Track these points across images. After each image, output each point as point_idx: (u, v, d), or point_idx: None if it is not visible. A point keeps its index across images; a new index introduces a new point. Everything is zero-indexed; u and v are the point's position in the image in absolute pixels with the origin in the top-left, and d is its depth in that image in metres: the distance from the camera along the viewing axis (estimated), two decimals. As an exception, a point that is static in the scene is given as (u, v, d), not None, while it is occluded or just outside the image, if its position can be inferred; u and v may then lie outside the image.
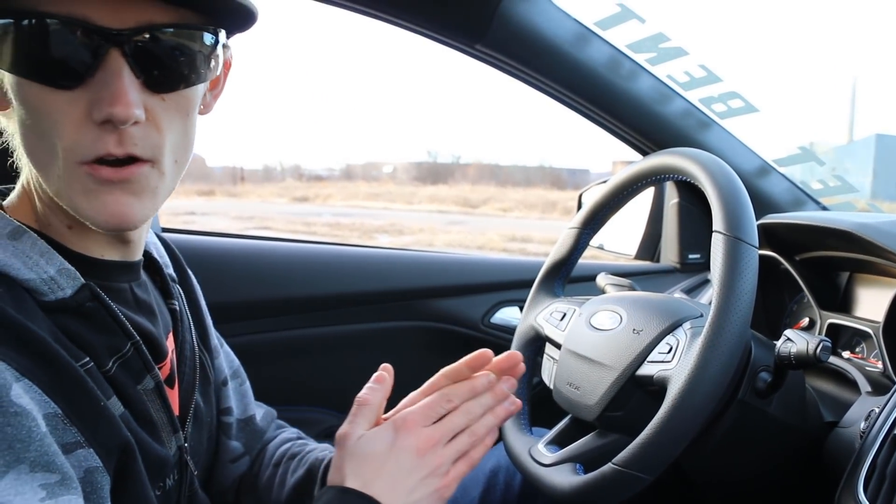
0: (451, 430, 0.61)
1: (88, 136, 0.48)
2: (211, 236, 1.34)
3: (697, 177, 0.69)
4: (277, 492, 0.78)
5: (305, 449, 0.81)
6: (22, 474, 0.41)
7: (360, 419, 0.61)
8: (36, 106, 0.48)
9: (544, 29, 1.08)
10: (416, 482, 0.58)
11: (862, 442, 0.66)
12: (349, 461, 0.58)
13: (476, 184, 26.53)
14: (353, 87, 72.20)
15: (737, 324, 0.60)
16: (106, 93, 0.47)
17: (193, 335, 0.67)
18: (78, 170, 0.49)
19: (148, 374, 0.56)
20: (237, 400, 0.80)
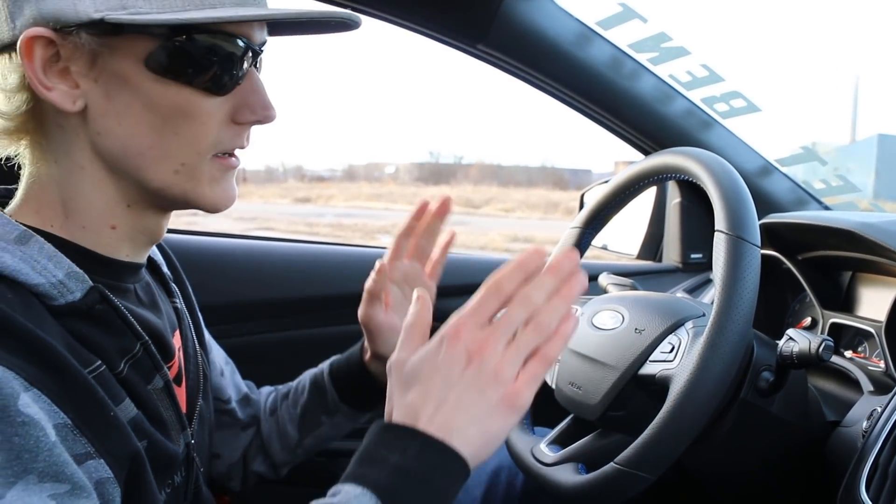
0: (509, 326, 0.50)
1: (229, 134, 0.56)
2: (213, 237, 1.34)
3: (699, 176, 0.69)
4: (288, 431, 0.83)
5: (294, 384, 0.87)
6: (30, 485, 0.41)
7: (408, 342, 0.54)
8: (184, 109, 0.53)
9: (546, 28, 1.08)
10: (475, 396, 0.49)
11: (864, 441, 0.66)
12: (396, 390, 0.52)
13: (478, 184, 26.54)
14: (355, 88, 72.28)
15: (739, 323, 0.60)
16: (256, 99, 0.56)
17: (192, 333, 0.68)
18: (210, 162, 0.55)
19: (157, 374, 0.56)
20: (234, 385, 0.83)
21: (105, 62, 0.51)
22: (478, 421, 0.49)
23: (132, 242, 0.57)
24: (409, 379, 0.51)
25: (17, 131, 0.53)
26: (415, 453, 0.48)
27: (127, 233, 0.56)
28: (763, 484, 0.76)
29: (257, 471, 0.86)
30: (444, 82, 69.10)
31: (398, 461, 0.47)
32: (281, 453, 0.85)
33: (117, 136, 0.52)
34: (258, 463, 0.86)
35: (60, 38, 0.49)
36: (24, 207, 0.55)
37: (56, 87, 0.50)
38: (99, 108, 0.52)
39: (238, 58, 0.54)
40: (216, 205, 0.57)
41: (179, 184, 0.55)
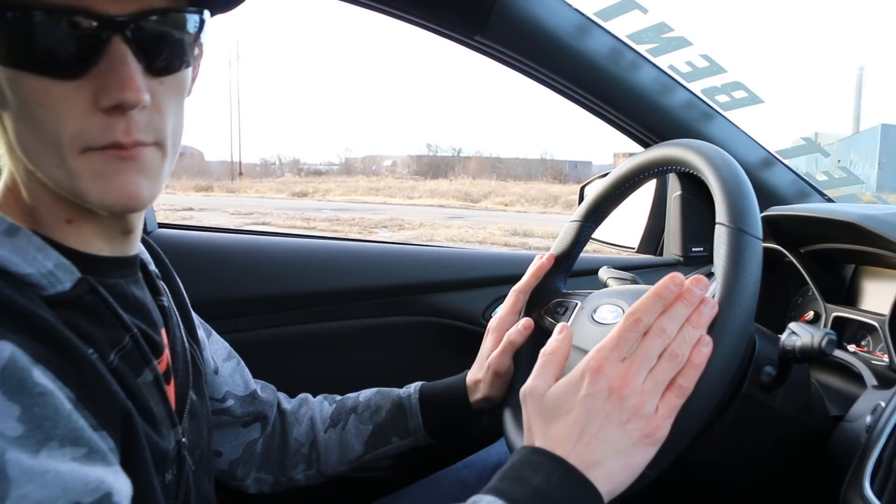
0: (647, 359, 0.52)
1: (96, 125, 0.48)
2: (209, 231, 1.33)
3: (700, 168, 0.68)
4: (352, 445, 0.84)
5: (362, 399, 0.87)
6: (53, 451, 0.42)
7: (546, 371, 0.55)
8: (37, 98, 0.47)
9: (544, 19, 1.07)
10: (617, 430, 0.50)
11: (868, 436, 0.66)
12: (536, 420, 0.53)
13: (477, 177, 26.53)
14: (352, 81, 72.06)
15: (741, 317, 0.59)
16: (113, 79, 0.47)
17: (182, 330, 0.67)
18: (85, 156, 0.49)
19: (147, 367, 0.56)
20: (237, 379, 0.83)
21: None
22: (620, 455, 0.51)
23: (100, 237, 0.55)
24: (553, 410, 0.52)
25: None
26: (557, 480, 0.49)
27: (87, 226, 0.54)
28: (766, 479, 0.76)
29: (296, 478, 0.86)
30: (442, 75, 68.94)
31: (540, 484, 0.49)
32: (337, 465, 0.86)
33: (9, 129, 0.50)
34: (300, 471, 0.86)
35: None
36: (4, 203, 0.54)
37: None
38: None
39: (85, 33, 0.46)
40: (104, 201, 0.50)
41: (64, 179, 0.50)
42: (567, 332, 0.58)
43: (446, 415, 0.84)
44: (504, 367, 0.80)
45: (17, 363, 0.43)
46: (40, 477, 0.41)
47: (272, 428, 0.87)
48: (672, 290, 0.54)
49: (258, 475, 0.86)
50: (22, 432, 0.41)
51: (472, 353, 1.30)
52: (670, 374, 0.52)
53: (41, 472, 0.41)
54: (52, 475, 0.41)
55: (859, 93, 19.71)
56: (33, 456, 0.41)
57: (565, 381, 0.53)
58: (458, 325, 1.28)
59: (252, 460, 0.86)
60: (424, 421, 0.84)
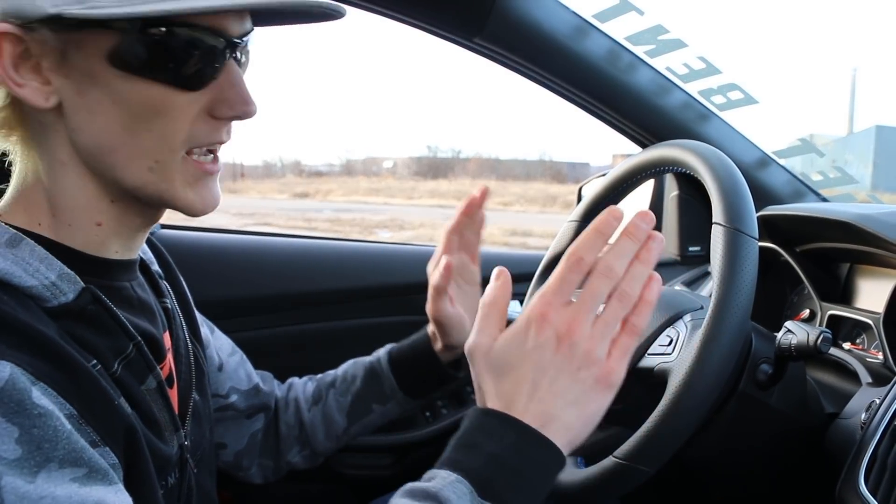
0: (594, 301, 0.49)
1: (205, 129, 0.53)
2: (210, 232, 1.34)
3: (697, 168, 0.69)
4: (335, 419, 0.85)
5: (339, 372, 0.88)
6: (52, 472, 0.42)
7: (488, 323, 0.52)
8: (155, 106, 0.50)
9: (543, 21, 1.08)
10: (569, 380, 0.48)
11: (863, 433, 0.66)
12: (485, 377, 0.50)
13: (476, 178, 26.49)
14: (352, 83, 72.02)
15: (737, 316, 0.60)
16: (234, 93, 0.53)
17: (185, 331, 0.68)
18: (184, 160, 0.53)
19: (150, 374, 0.56)
20: (241, 374, 0.84)
21: (73, 58, 0.49)
22: (574, 404, 0.48)
23: (120, 239, 0.56)
24: (500, 365, 0.50)
25: (4, 127, 0.53)
26: (511, 442, 0.47)
27: (114, 229, 0.55)
28: (762, 476, 0.77)
29: (293, 461, 0.87)
30: (442, 76, 68.93)
31: (494, 449, 0.47)
32: (325, 442, 0.86)
33: (90, 132, 0.51)
34: (294, 453, 0.87)
35: (26, 33, 0.48)
36: (13, 206, 0.54)
37: (28, 83, 0.49)
38: (71, 104, 0.51)
39: (211, 51, 0.51)
40: (193, 208, 0.55)
41: (154, 183, 0.53)
42: (505, 278, 0.54)
43: (416, 369, 0.85)
44: (441, 313, 0.81)
45: (16, 384, 0.42)
46: (37, 503, 0.41)
47: (268, 420, 0.88)
48: (612, 225, 0.50)
49: (260, 461, 0.87)
50: (20, 454, 0.41)
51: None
52: (621, 315, 0.49)
53: (37, 498, 0.41)
54: (49, 501, 0.41)
55: (853, 94, 19.71)
56: (31, 479, 0.41)
57: (510, 332, 0.50)
58: (458, 324, 1.28)
59: (255, 450, 0.87)
60: (397, 380, 0.84)
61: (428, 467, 0.71)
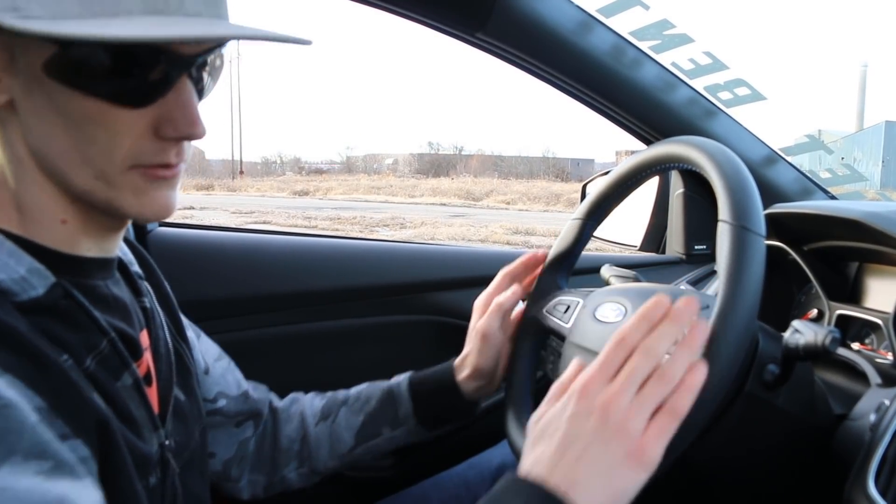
0: (634, 378, 0.50)
1: (150, 148, 0.51)
2: (209, 230, 1.33)
3: (702, 165, 0.68)
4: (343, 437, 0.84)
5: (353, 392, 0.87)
6: (16, 465, 0.41)
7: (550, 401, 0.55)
8: (95, 119, 0.49)
9: (546, 16, 1.07)
10: (600, 449, 0.48)
11: (872, 434, 0.66)
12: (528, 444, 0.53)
13: (478, 176, 26.51)
14: (354, 79, 72.07)
15: (744, 315, 0.59)
16: (181, 114, 0.51)
17: (167, 331, 0.67)
18: (130, 173, 0.51)
19: (126, 371, 0.55)
20: (229, 379, 0.82)
21: (20, 60, 0.48)
22: (602, 475, 0.49)
23: (90, 237, 0.55)
24: (540, 433, 0.52)
25: None
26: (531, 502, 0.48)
27: (80, 227, 0.54)
28: (769, 478, 0.76)
29: (288, 477, 0.86)
30: (444, 73, 68.91)
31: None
32: (328, 460, 0.85)
33: (39, 135, 0.50)
34: (291, 469, 0.85)
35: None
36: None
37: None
38: (22, 104, 0.50)
39: (155, 69, 0.49)
40: (142, 215, 0.53)
41: (102, 190, 0.52)
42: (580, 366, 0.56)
43: (436, 398, 0.84)
44: (492, 329, 0.81)
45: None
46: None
47: (263, 426, 0.86)
48: (657, 311, 0.53)
49: (251, 477, 0.86)
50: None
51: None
52: (659, 394, 0.50)
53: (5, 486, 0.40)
54: (10, 493, 0.40)
55: (863, 90, 19.64)
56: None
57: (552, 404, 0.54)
58: (460, 323, 1.27)
59: (245, 460, 0.85)
60: (414, 406, 0.84)
61: (430, 470, 0.71)
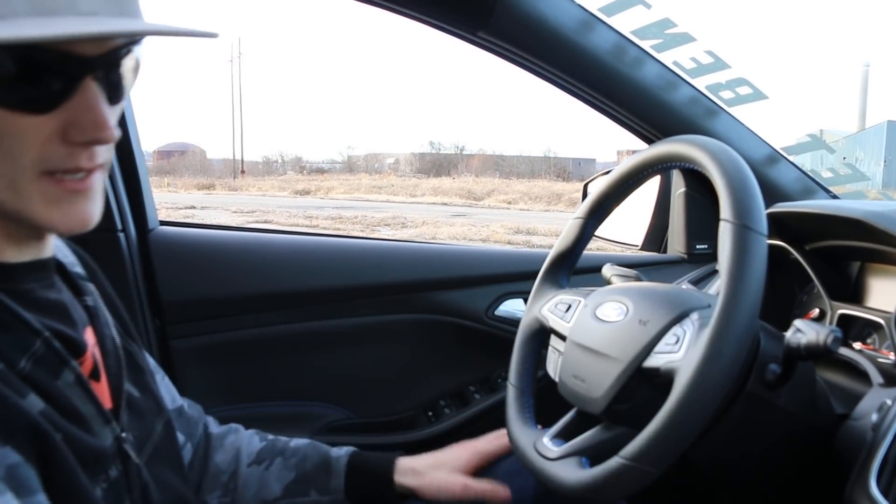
0: None
1: (59, 153, 0.49)
2: (211, 229, 1.33)
3: (704, 164, 0.68)
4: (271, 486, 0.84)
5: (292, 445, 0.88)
6: None
7: None
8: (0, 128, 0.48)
9: (548, 15, 1.07)
10: None
11: (874, 434, 0.66)
12: None
13: (480, 175, 26.50)
14: (355, 79, 72.08)
15: (745, 314, 0.59)
16: (87, 118, 0.49)
17: (113, 329, 0.67)
18: (40, 180, 0.49)
19: (65, 368, 0.55)
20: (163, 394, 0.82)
21: None
22: None
23: (11, 243, 0.54)
24: None
25: None
26: None
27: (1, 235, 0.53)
28: (770, 478, 0.76)
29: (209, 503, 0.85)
30: (445, 72, 68.91)
31: None
32: (251, 502, 0.85)
33: None
34: (214, 497, 0.85)
35: None
36: None
37: None
38: None
39: (56, 74, 0.47)
40: (55, 226, 0.52)
41: (11, 201, 0.50)
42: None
43: (367, 486, 0.85)
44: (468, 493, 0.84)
45: None
46: None
47: (195, 448, 0.85)
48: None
49: None
50: None
51: (473, 351, 1.30)
52: None
53: None
54: None
55: (865, 90, 19.59)
56: None
57: None
58: (461, 322, 1.28)
59: None
60: (346, 484, 0.85)
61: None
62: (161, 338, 1.17)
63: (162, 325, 1.17)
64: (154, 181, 20.65)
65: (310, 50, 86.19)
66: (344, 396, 1.30)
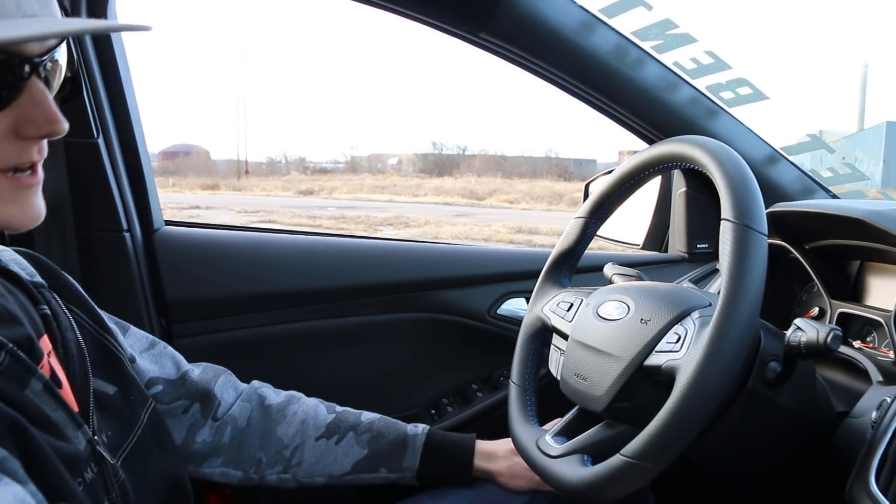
0: None
1: (11, 150, 0.51)
2: (215, 229, 1.34)
3: (705, 164, 0.68)
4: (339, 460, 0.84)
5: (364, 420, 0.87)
6: None
7: None
8: None
9: (549, 16, 1.07)
10: None
11: (874, 432, 0.66)
12: None
13: (482, 175, 26.47)
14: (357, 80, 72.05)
15: (746, 313, 0.59)
16: (38, 113, 0.51)
17: (77, 331, 0.67)
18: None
19: (33, 377, 0.55)
20: (165, 363, 0.82)
21: None
22: None
23: None
24: None
25: None
26: None
27: None
28: (771, 475, 0.76)
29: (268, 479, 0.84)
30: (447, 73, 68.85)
31: None
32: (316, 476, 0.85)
33: None
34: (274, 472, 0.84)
35: None
36: None
37: None
38: None
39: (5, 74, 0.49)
40: (13, 223, 0.53)
41: None
42: None
43: (444, 468, 0.85)
44: None
45: None
46: None
47: (248, 422, 0.85)
48: None
49: (225, 470, 0.84)
50: None
51: (476, 350, 1.30)
52: None
53: None
54: None
55: (864, 90, 19.51)
56: None
57: None
58: (464, 321, 1.28)
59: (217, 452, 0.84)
60: (421, 465, 0.85)
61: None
62: (166, 337, 1.18)
63: (167, 324, 1.18)
64: (159, 181, 20.51)
65: (313, 51, 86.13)
66: (348, 395, 1.30)
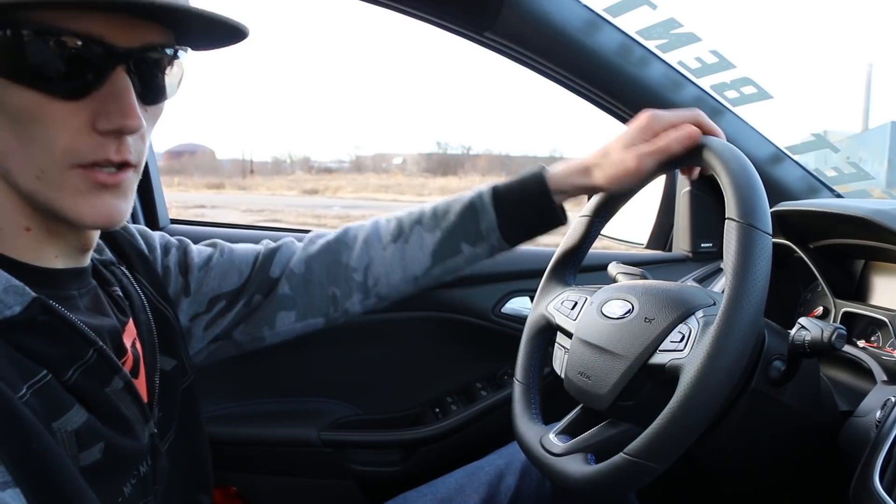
0: None
1: (89, 143, 0.50)
2: (220, 227, 1.34)
3: (710, 163, 0.68)
4: (419, 257, 0.81)
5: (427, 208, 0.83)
6: None
7: None
8: (32, 113, 0.49)
9: (554, 16, 1.07)
10: None
11: (878, 431, 0.66)
12: None
13: (486, 175, 26.44)
14: (363, 79, 72.14)
15: (750, 312, 0.59)
16: (115, 106, 0.50)
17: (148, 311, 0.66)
18: (71, 172, 0.50)
19: (115, 376, 0.55)
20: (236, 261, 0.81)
21: None
22: None
23: (57, 246, 0.55)
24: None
25: None
26: None
27: (44, 235, 0.54)
28: (774, 474, 0.76)
29: (352, 310, 0.83)
30: (452, 72, 68.85)
31: None
32: (401, 284, 0.82)
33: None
34: (355, 301, 0.83)
35: None
36: None
37: None
38: None
39: (86, 59, 0.48)
40: (82, 219, 0.52)
41: (43, 191, 0.51)
42: None
43: (523, 208, 0.79)
44: (646, 167, 0.73)
45: None
46: None
47: (307, 266, 0.83)
48: None
49: (305, 323, 0.84)
50: None
51: (480, 348, 1.31)
52: None
53: None
54: None
55: (869, 90, 19.42)
56: None
57: None
58: (468, 320, 1.28)
59: (298, 303, 0.83)
60: (499, 218, 0.79)
61: (436, 464, 0.72)
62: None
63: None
64: (165, 181, 20.61)
65: (318, 50, 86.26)
66: (351, 393, 1.31)
